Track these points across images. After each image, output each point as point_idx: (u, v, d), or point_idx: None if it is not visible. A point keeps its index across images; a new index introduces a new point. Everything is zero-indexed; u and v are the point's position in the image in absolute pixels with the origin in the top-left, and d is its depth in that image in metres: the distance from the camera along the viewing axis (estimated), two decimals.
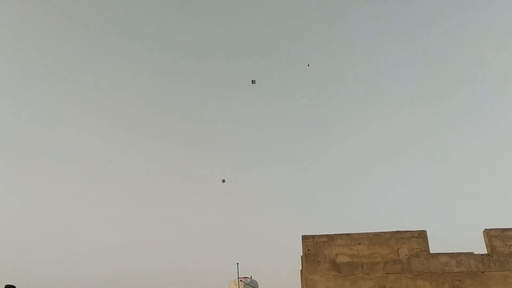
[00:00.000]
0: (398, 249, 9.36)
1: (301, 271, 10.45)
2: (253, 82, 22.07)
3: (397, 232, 9.54)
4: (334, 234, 9.74)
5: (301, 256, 10.13)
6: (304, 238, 9.85)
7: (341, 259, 9.46)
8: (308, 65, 26.87)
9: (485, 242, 9.36)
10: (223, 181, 25.97)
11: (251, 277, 19.93)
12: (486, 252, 9.24)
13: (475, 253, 9.21)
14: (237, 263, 19.22)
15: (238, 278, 19.15)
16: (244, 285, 19.15)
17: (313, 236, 9.82)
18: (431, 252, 9.29)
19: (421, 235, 9.45)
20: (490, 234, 9.27)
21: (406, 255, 9.29)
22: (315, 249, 9.65)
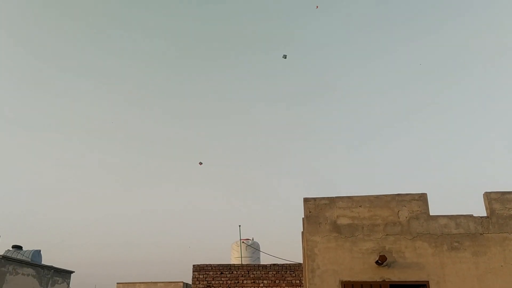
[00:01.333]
0: (398, 211, 9.46)
1: (302, 232, 10.61)
2: (284, 57, 22.20)
3: (398, 195, 9.61)
4: (336, 197, 9.83)
5: (303, 218, 10.26)
6: (306, 200, 9.95)
7: (342, 221, 9.58)
8: (317, 7, 26.93)
9: (485, 205, 9.45)
10: (200, 163, 27.37)
11: (252, 239, 20.37)
12: (485, 215, 9.33)
13: (474, 215, 9.30)
14: (239, 225, 19.62)
15: (240, 239, 19.59)
16: (246, 246, 19.59)
17: (314, 199, 9.91)
18: (431, 214, 9.40)
19: (422, 198, 9.53)
20: (490, 197, 9.34)
21: (406, 217, 9.40)
22: (317, 211, 9.76)
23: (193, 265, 15.93)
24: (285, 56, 22.50)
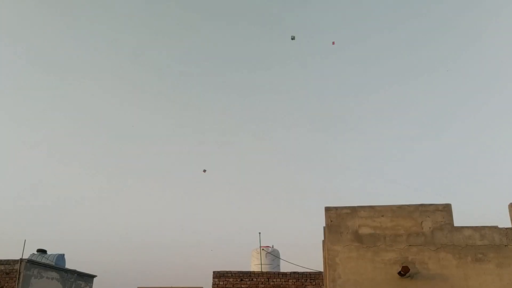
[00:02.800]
0: (421, 222, 9.39)
1: (323, 241, 10.61)
2: (292, 38, 22.05)
3: (421, 205, 9.54)
4: (357, 206, 9.82)
5: (324, 227, 10.27)
6: (327, 209, 9.96)
7: (364, 230, 9.56)
8: (333, 43, 27.15)
9: (510, 216, 9.31)
10: (204, 171, 27.15)
11: (272, 246, 20.39)
12: (510, 226, 9.19)
13: (499, 226, 9.18)
14: (259, 233, 19.69)
15: (260, 247, 19.63)
16: (266, 253, 19.62)
17: (336, 208, 9.91)
18: (455, 225, 9.30)
19: (446, 209, 9.44)
20: None
21: (429, 228, 9.32)
22: (338, 220, 9.76)
23: (213, 272, 16.05)
24: (293, 37, 22.37)
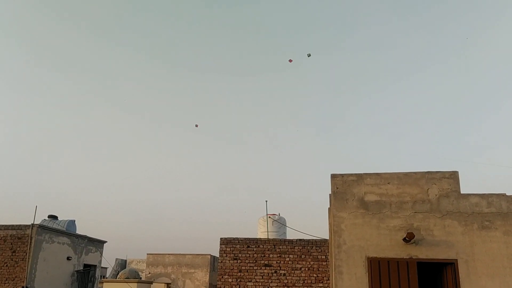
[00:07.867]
0: (428, 189, 9.32)
1: (329, 208, 10.62)
2: (308, 55, 22.60)
3: (428, 172, 9.45)
4: (363, 173, 9.76)
5: (330, 194, 10.25)
6: (333, 176, 9.91)
7: (370, 197, 9.53)
8: (290, 61, 27.34)
9: None
10: (196, 125, 28.97)
11: (279, 214, 20.54)
12: None
13: (507, 194, 9.08)
14: (266, 201, 19.83)
15: (267, 214, 19.79)
16: (272, 221, 19.79)
17: (342, 175, 9.86)
18: (461, 193, 9.22)
19: (452, 176, 9.34)
20: None
21: (435, 195, 9.25)
22: (344, 187, 9.73)
23: (221, 238, 16.21)
24: (309, 55, 22.89)
